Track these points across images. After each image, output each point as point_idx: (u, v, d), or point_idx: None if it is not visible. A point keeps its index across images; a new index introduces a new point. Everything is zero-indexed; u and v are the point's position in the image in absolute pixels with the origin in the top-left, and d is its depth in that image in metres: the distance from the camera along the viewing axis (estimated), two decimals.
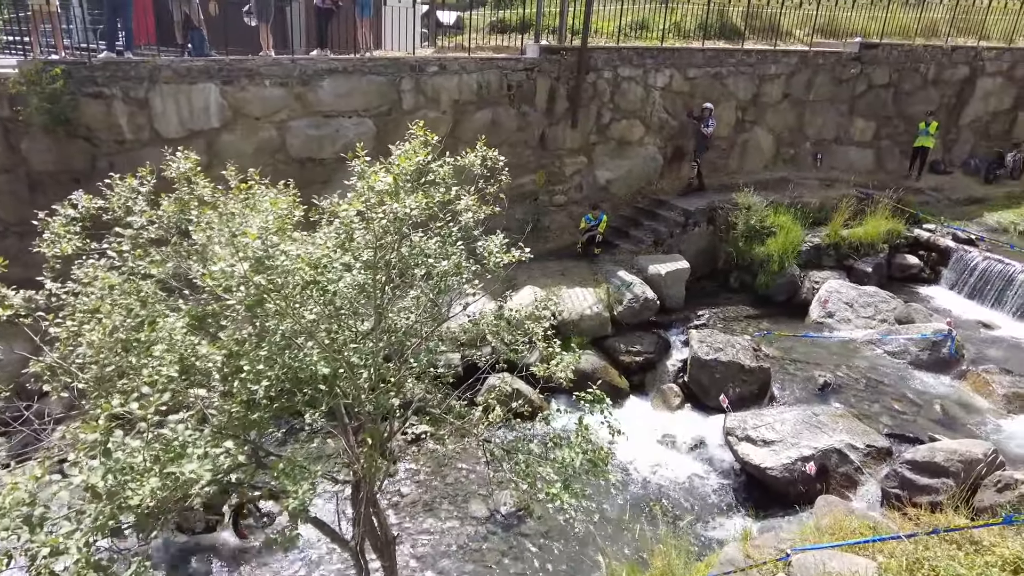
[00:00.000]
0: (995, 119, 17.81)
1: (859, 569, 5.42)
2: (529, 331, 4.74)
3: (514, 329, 4.80)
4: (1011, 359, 10.69)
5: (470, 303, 4.99)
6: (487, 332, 4.92)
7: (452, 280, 4.38)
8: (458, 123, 12.62)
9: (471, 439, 4.59)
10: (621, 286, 11.81)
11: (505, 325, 4.96)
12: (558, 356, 4.56)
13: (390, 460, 4.34)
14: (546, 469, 4.06)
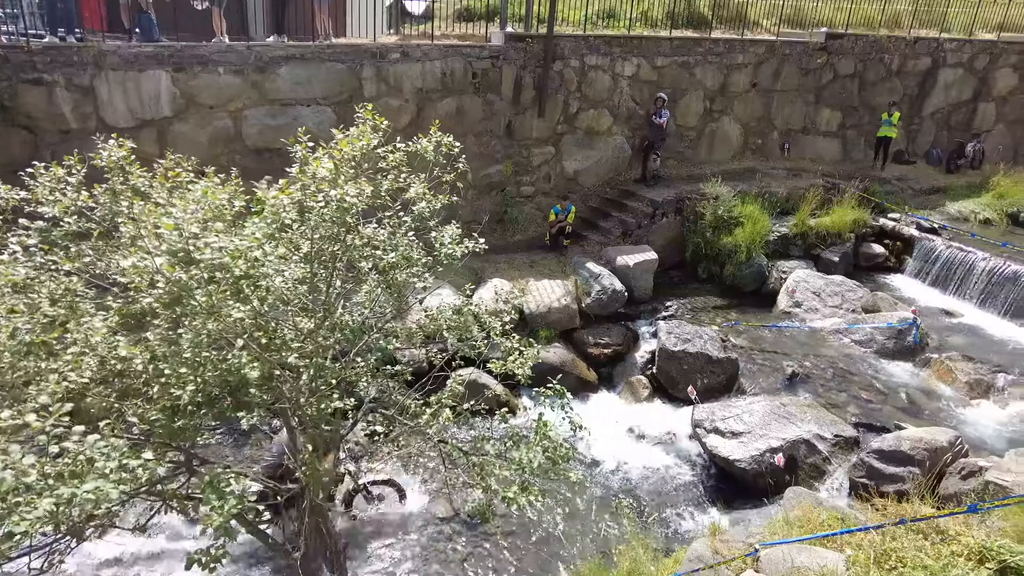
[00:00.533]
0: (956, 110, 18.02)
1: (827, 563, 5.33)
2: (487, 326, 4.50)
3: (472, 324, 4.56)
4: (973, 346, 10.79)
5: (426, 297, 4.73)
6: (444, 328, 4.67)
7: (404, 273, 4.11)
8: (422, 112, 12.30)
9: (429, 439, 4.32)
10: (589, 278, 11.65)
11: (463, 320, 4.71)
12: (516, 352, 4.33)
13: (337, 466, 4.07)
14: (502, 472, 3.85)
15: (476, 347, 4.65)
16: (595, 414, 10.10)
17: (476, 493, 3.89)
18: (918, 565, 5.11)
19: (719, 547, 6.11)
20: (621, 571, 6.02)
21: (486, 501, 3.87)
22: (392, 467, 7.91)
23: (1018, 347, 10.87)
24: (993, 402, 9.48)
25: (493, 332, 4.53)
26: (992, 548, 5.09)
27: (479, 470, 3.89)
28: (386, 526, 7.43)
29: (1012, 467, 6.88)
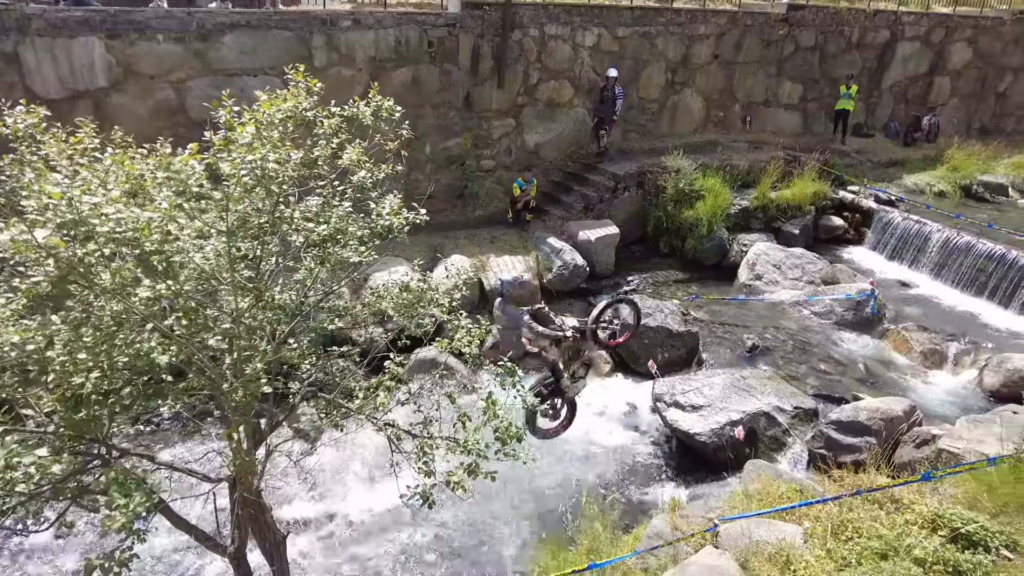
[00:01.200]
0: (913, 83, 18.18)
1: (785, 536, 5.30)
2: (435, 302, 4.26)
3: (418, 302, 4.32)
4: (928, 316, 10.94)
5: (370, 273, 4.45)
6: (390, 307, 4.42)
7: (343, 248, 3.83)
8: (376, 82, 11.81)
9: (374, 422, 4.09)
10: (551, 253, 11.47)
11: (410, 298, 4.46)
12: (463, 330, 4.11)
13: (270, 455, 3.82)
14: (447, 454, 3.65)
15: (423, 326, 4.40)
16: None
17: (419, 476, 3.70)
18: (873, 535, 5.11)
19: (679, 523, 6.05)
20: (580, 550, 5.92)
21: (429, 485, 3.67)
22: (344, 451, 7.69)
23: (969, 316, 11.07)
24: (946, 371, 9.64)
25: (440, 310, 4.28)
26: (944, 516, 5.11)
27: (422, 453, 3.69)
28: (332, 514, 7.22)
29: (963, 434, 6.96)
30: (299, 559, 6.62)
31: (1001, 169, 15.91)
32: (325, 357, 4.66)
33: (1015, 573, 4.63)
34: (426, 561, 6.76)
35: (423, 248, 11.37)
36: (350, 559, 6.74)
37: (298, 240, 3.72)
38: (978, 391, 9.11)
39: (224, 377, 3.23)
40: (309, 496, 7.49)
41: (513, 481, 7.93)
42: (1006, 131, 18.85)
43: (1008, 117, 19.29)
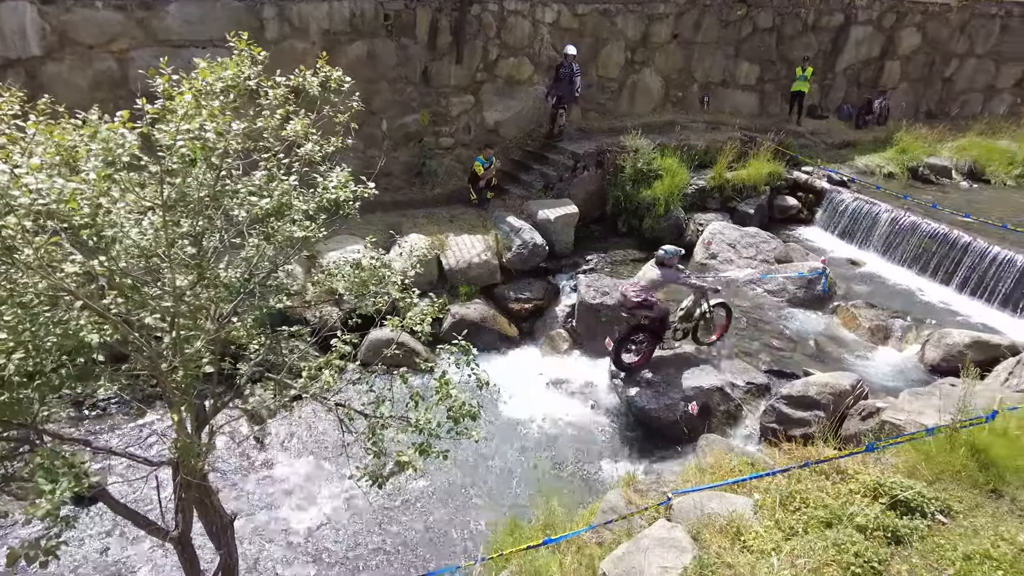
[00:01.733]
0: (865, 67, 18.54)
1: (736, 508, 5.42)
2: (386, 280, 4.17)
3: (370, 281, 4.22)
4: (875, 293, 11.27)
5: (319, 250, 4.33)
6: (341, 285, 4.32)
7: (289, 224, 3.71)
8: (330, 56, 11.44)
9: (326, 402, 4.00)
10: (510, 232, 11.42)
11: (363, 276, 4.36)
12: (414, 307, 4.04)
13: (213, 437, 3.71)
14: (399, 435, 3.60)
15: (376, 304, 4.31)
16: (516, 369, 10.04)
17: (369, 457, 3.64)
18: (819, 505, 5.27)
19: (633, 497, 6.14)
20: (536, 526, 5.96)
21: (379, 465, 3.62)
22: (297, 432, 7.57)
23: (914, 293, 11.44)
24: (891, 346, 9.95)
25: (393, 288, 4.19)
26: (885, 484, 5.29)
27: (371, 433, 3.63)
28: (283, 496, 7.14)
29: (905, 406, 7.21)
30: (249, 542, 6.53)
31: (946, 152, 16.41)
32: (274, 337, 4.54)
33: (947, 535, 4.83)
34: (380, 542, 6.74)
35: (380, 227, 11.18)
36: (302, 541, 6.68)
37: (241, 215, 3.58)
38: (920, 365, 9.44)
39: (163, 357, 3.10)
40: (261, 478, 7.37)
41: (471, 460, 7.96)
42: (951, 115, 19.43)
43: (953, 102, 19.87)
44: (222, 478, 7.17)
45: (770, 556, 4.80)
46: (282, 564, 6.38)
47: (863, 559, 4.64)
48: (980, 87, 19.95)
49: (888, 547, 4.81)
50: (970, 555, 4.61)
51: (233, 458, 7.48)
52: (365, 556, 6.53)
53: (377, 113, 12.32)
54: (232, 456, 7.48)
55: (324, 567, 6.35)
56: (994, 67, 19.79)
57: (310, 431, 7.81)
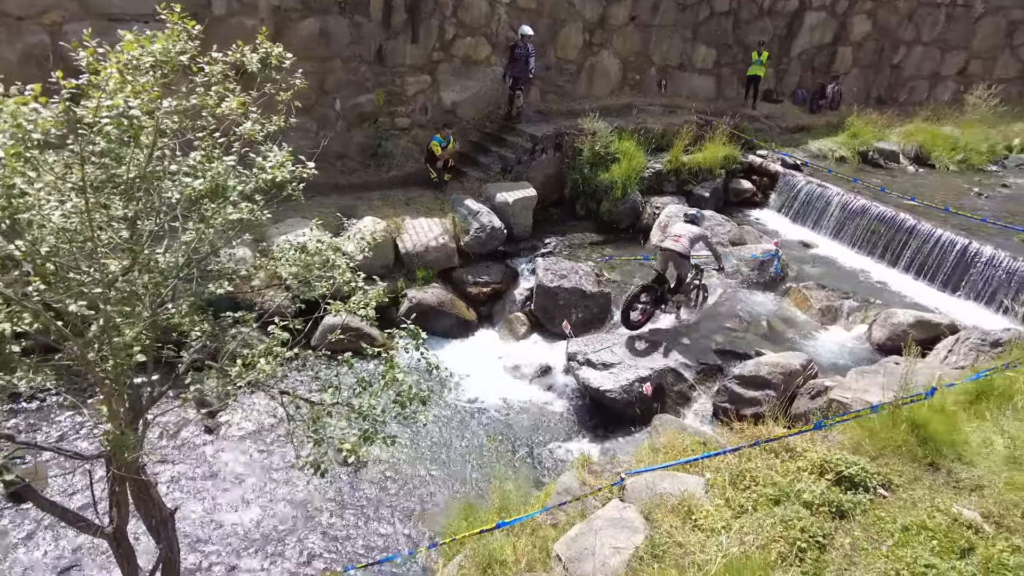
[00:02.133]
0: (819, 52, 18.84)
1: (688, 487, 5.49)
2: (331, 263, 4.06)
3: (314, 265, 4.10)
4: (826, 275, 11.54)
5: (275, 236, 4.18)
6: (285, 269, 4.18)
7: (220, 206, 3.55)
8: (280, 33, 11.18)
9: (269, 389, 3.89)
10: (468, 215, 11.31)
11: (307, 260, 4.23)
12: (360, 291, 3.93)
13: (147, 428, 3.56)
14: (341, 422, 3.52)
15: (319, 288, 4.19)
16: (474, 353, 10.00)
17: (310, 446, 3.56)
18: (769, 483, 5.37)
19: (587, 478, 6.18)
20: (491, 509, 5.95)
21: (320, 454, 3.53)
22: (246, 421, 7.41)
23: (863, 274, 11.75)
24: (840, 326, 10.22)
25: (337, 272, 4.08)
26: (831, 461, 5.43)
27: (311, 421, 3.54)
28: (230, 486, 6.98)
29: (852, 385, 7.42)
30: (193, 534, 6.36)
31: (894, 137, 16.84)
32: (216, 324, 4.39)
33: (888, 508, 4.99)
34: (331, 530, 6.63)
35: (334, 209, 10.97)
36: (249, 532, 6.54)
37: (175, 196, 3.42)
38: (868, 344, 9.72)
39: (91, 346, 2.95)
40: (207, 468, 7.19)
41: (427, 445, 7.91)
42: (899, 101, 19.93)
43: (901, 88, 20.37)
44: (167, 469, 6.97)
45: (720, 534, 4.89)
46: (229, 556, 6.24)
47: (809, 534, 4.76)
48: (926, 74, 20.49)
49: (833, 521, 4.95)
50: (908, 526, 4.77)
51: (178, 449, 7.28)
52: (315, 545, 6.43)
53: (330, 93, 12.01)
54: (177, 447, 7.27)
55: (272, 557, 6.24)
56: (939, 55, 20.33)
57: (259, 419, 7.64)
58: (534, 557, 5.16)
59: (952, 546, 4.54)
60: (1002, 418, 6.00)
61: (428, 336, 10.52)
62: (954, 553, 4.50)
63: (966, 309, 10.46)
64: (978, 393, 6.36)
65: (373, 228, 10.33)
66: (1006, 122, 18.39)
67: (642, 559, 4.69)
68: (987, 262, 10.63)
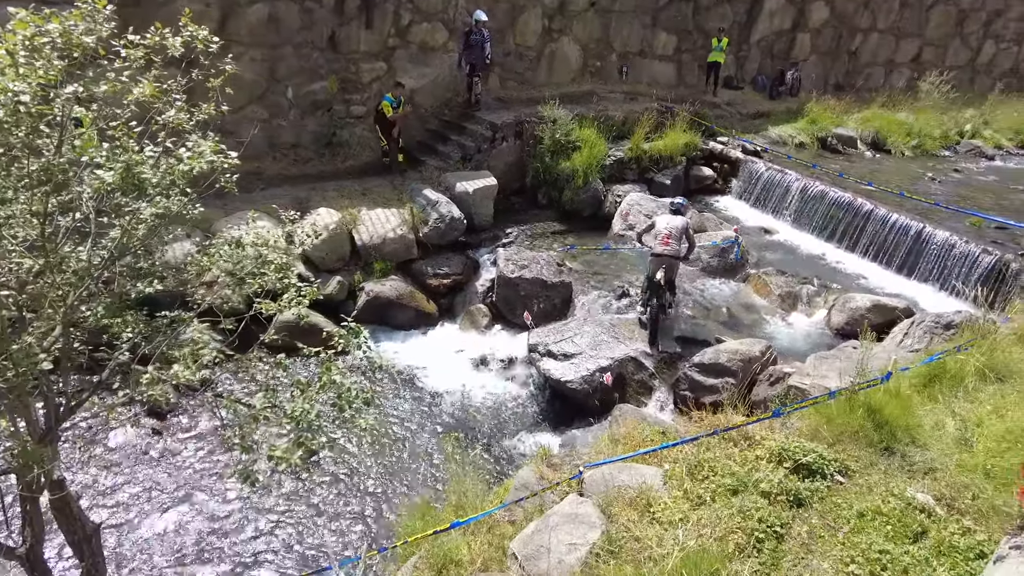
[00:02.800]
0: (778, 38, 18.95)
1: (646, 478, 5.41)
2: (262, 258, 3.83)
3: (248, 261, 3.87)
4: (786, 261, 11.61)
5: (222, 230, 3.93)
6: (217, 265, 3.94)
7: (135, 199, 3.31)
8: (228, 19, 10.78)
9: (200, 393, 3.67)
10: (427, 206, 11.08)
11: (242, 255, 4.00)
12: (293, 288, 3.72)
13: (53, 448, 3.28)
14: (272, 428, 3.32)
15: (251, 285, 3.96)
16: (435, 346, 9.83)
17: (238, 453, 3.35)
18: (727, 472, 5.32)
19: (546, 472, 6.07)
20: (448, 507, 5.80)
21: (250, 461, 3.33)
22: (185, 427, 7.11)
23: (822, 260, 11.86)
24: (800, 311, 10.28)
25: (269, 269, 3.85)
26: (789, 449, 5.40)
27: (238, 427, 3.34)
28: (168, 495, 6.68)
29: (810, 371, 7.43)
30: (126, 548, 6.06)
31: (852, 123, 17.04)
32: (148, 324, 4.13)
33: (844, 495, 4.98)
34: (279, 536, 6.39)
35: (287, 201, 10.61)
36: (190, 542, 6.25)
37: (87, 191, 3.17)
38: (827, 329, 9.79)
39: None
40: (144, 477, 6.87)
41: (384, 442, 7.72)
42: (856, 88, 20.18)
43: (858, 75, 20.63)
44: (100, 480, 6.63)
45: (678, 527, 4.81)
46: (166, 569, 5.96)
47: (766, 524, 4.71)
48: (882, 61, 20.79)
49: (790, 510, 4.91)
50: (863, 512, 4.76)
51: (114, 457, 6.96)
52: (263, 552, 6.20)
53: (282, 80, 11.63)
54: (112, 455, 6.96)
55: (213, 569, 5.98)
56: (895, 42, 20.65)
57: (203, 424, 7.35)
58: (490, 556, 5.03)
59: (906, 531, 4.54)
60: (953, 400, 6.05)
61: (387, 330, 10.28)
62: (907, 538, 4.50)
63: (921, 292, 10.63)
64: (931, 376, 6.40)
65: (328, 220, 10.04)
66: (957, 108, 18.78)
67: (598, 555, 4.60)
68: (940, 246, 10.80)
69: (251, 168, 11.68)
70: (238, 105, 11.31)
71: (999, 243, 10.69)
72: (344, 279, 9.91)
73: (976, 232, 11.13)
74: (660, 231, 8.65)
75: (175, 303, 4.57)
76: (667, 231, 8.58)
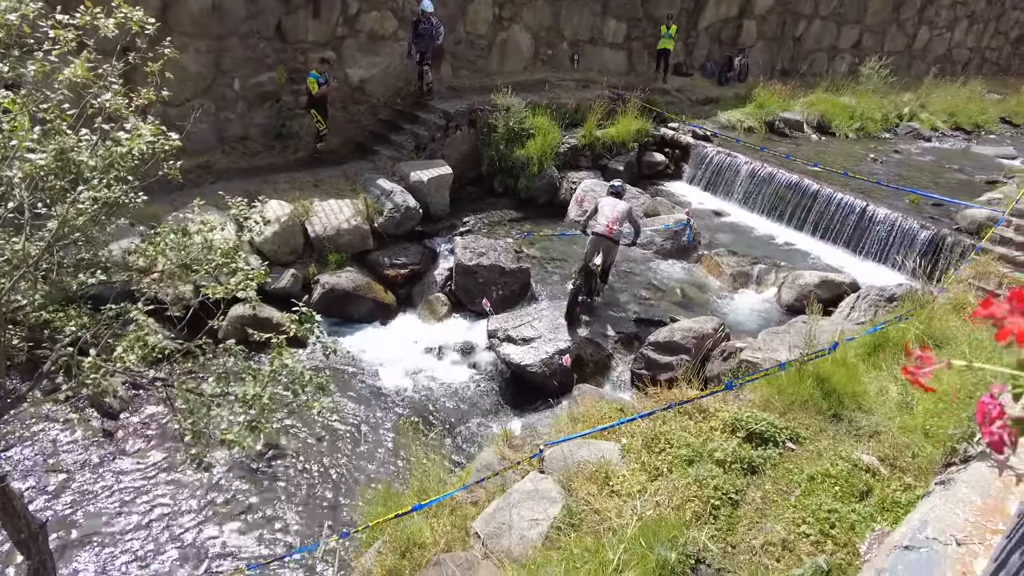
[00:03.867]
0: (726, 25, 19.30)
1: (604, 453, 5.51)
2: (209, 243, 3.76)
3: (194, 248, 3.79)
4: (737, 242, 11.89)
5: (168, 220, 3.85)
6: (163, 255, 3.85)
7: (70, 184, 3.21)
8: (169, 9, 10.45)
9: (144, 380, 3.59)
10: (381, 196, 10.98)
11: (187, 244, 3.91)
12: (241, 272, 3.66)
13: None
14: (220, 411, 3.27)
15: (198, 272, 3.88)
16: (394, 336, 9.76)
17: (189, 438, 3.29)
18: (683, 444, 5.45)
19: (508, 452, 6.12)
20: (411, 492, 5.81)
21: (202, 446, 3.28)
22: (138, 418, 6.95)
23: (771, 239, 12.19)
24: (751, 290, 10.56)
25: (216, 254, 3.77)
26: (742, 419, 5.55)
27: (189, 412, 3.28)
28: (124, 487, 6.54)
29: (761, 346, 7.65)
30: (80, 543, 5.90)
31: (798, 107, 17.50)
32: (90, 318, 4.02)
33: (795, 460, 5.15)
34: (238, 526, 6.30)
35: (237, 194, 10.37)
36: (147, 535, 6.12)
37: (17, 175, 3.05)
38: (777, 306, 10.09)
39: None
40: (99, 471, 6.70)
41: (346, 432, 7.67)
42: (801, 73, 20.74)
43: (803, 60, 21.20)
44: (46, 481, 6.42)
45: (636, 498, 4.92)
46: (122, 563, 5.83)
47: (722, 491, 4.85)
48: (825, 47, 21.39)
49: (745, 477, 5.07)
50: (813, 476, 4.93)
51: (65, 457, 6.75)
52: (223, 544, 6.11)
53: (228, 72, 11.35)
54: (63, 456, 6.75)
55: (176, 562, 5.88)
56: (836, 29, 21.26)
57: (158, 416, 7.19)
58: (453, 536, 5.06)
59: (852, 490, 4.74)
60: (895, 367, 6.30)
61: (345, 322, 10.18)
62: (854, 496, 4.69)
63: (867, 268, 11.03)
64: (875, 345, 6.67)
65: (280, 212, 9.88)
66: (896, 92, 19.46)
67: (560, 529, 4.67)
68: (882, 222, 11.21)
69: (200, 162, 11.42)
70: (184, 98, 11.02)
71: (935, 219, 11.16)
72: (298, 272, 9.76)
73: (915, 209, 11.58)
74: (605, 214, 8.77)
75: (123, 299, 4.46)
76: (612, 215, 8.70)
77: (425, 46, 12.46)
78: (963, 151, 17.35)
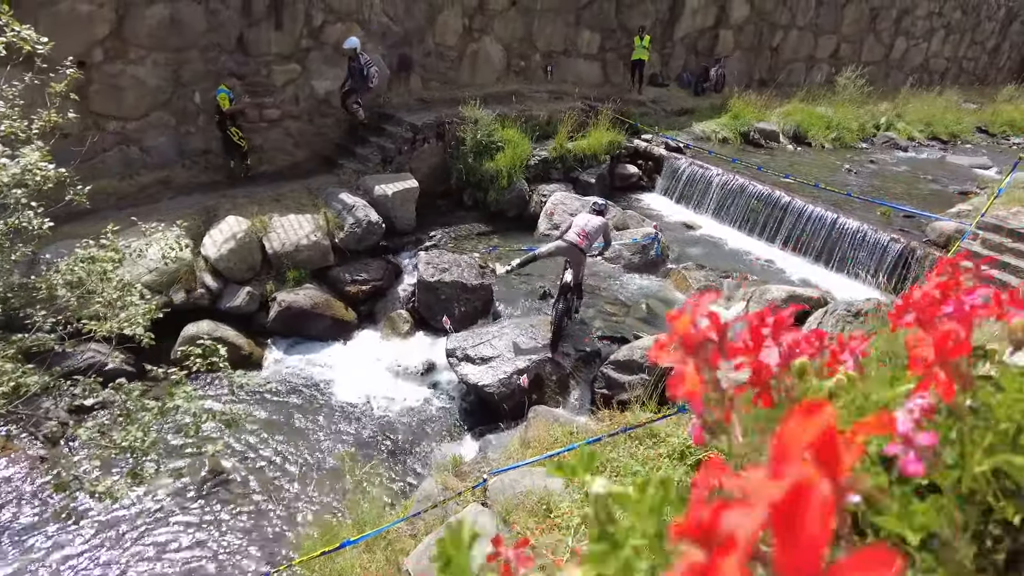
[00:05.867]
0: (702, 35, 19.25)
1: (548, 483, 5.31)
2: (105, 274, 3.54)
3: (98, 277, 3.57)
4: (707, 255, 11.74)
5: None
6: (60, 282, 3.63)
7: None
8: (125, 21, 10.23)
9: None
10: (343, 210, 10.77)
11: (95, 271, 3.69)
12: (132, 307, 3.44)
13: None
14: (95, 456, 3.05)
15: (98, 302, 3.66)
16: (353, 355, 9.54)
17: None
18: (629, 472, 5.26)
19: (451, 481, 5.92)
20: (347, 526, 5.58)
21: (69, 497, 3.06)
22: None
23: (743, 252, 12.05)
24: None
25: (108, 286, 3.55)
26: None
27: (52, 464, 3.07)
28: (25, 531, 6.22)
29: (724, 364, 7.47)
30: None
31: (774, 117, 17.45)
32: None
33: None
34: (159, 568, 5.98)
35: (196, 210, 10.22)
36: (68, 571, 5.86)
37: None
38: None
39: None
40: None
41: (291, 458, 7.42)
42: (779, 83, 20.73)
43: (780, 70, 21.20)
44: None
45: (575, 532, 4.71)
46: None
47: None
48: (802, 57, 21.41)
49: None
50: None
51: None
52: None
53: (188, 85, 11.13)
54: None
55: None
56: (813, 39, 21.28)
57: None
58: (386, 573, 4.84)
59: None
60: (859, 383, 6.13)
61: (303, 341, 9.89)
62: None
63: (837, 281, 10.89)
64: None
65: (236, 228, 9.65)
66: (873, 102, 19.48)
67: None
68: (852, 235, 11.10)
69: (160, 177, 11.19)
70: (141, 112, 10.80)
71: (906, 231, 11.05)
72: (255, 290, 9.52)
73: (886, 221, 11.48)
74: (578, 225, 8.51)
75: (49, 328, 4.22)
76: (585, 228, 8.44)
77: (357, 83, 11.75)
78: (938, 161, 17.34)
